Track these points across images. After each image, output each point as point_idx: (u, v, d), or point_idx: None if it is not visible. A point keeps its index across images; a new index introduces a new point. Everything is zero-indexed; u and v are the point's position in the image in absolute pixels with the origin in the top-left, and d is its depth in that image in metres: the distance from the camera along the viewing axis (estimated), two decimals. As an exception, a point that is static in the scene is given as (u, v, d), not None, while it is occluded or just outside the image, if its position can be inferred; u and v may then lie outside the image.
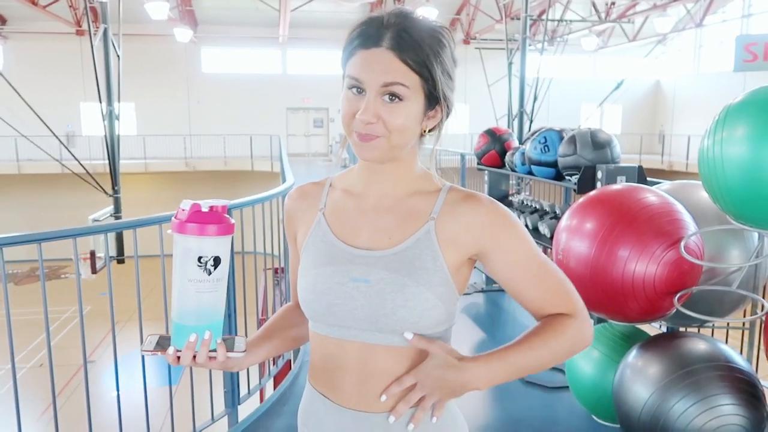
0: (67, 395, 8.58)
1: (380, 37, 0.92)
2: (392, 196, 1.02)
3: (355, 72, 0.93)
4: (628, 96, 20.97)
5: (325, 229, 1.04)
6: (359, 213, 1.03)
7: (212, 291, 0.91)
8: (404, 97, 0.92)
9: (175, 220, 0.90)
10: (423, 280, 0.95)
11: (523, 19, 11.60)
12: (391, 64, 0.91)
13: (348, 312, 0.97)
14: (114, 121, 11.03)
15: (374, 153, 0.94)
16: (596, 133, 3.18)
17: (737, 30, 18.05)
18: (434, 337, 0.97)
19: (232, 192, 14.39)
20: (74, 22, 17.68)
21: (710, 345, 2.16)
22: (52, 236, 2.12)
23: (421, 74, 0.92)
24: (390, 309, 0.94)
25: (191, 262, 0.89)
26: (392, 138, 0.93)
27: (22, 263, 16.90)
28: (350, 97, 0.94)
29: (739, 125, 1.78)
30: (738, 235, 2.22)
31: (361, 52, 0.93)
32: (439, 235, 0.97)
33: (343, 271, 0.98)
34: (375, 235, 1.00)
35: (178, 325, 0.91)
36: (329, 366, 1.01)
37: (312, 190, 1.10)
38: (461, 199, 1.00)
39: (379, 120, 0.92)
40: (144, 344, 0.93)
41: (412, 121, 0.94)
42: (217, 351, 0.93)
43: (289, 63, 22.20)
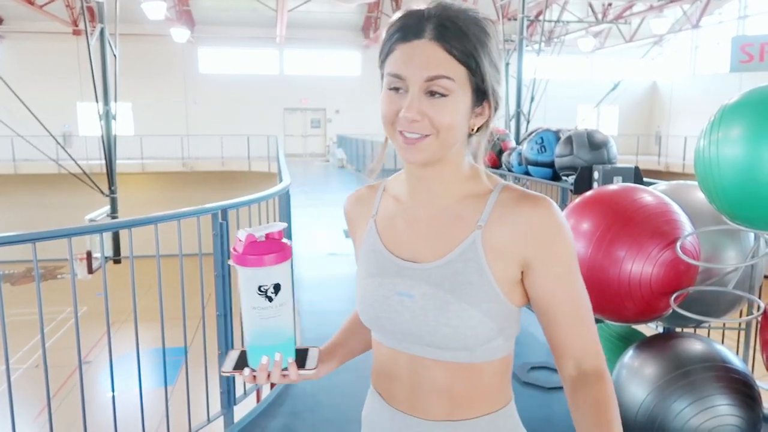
0: (63, 396, 8.56)
1: (422, 29, 0.85)
2: (439, 203, 0.94)
3: (395, 68, 0.86)
4: (625, 97, 21.02)
5: (375, 237, 1.00)
6: (406, 221, 0.97)
7: (276, 316, 0.92)
8: (450, 91, 0.85)
9: (234, 252, 0.91)
10: (467, 297, 0.88)
11: (520, 19, 11.62)
12: (435, 55, 0.84)
13: (394, 325, 0.94)
14: (111, 121, 11.02)
15: (422, 155, 0.87)
16: (593, 134, 3.18)
17: (733, 31, 18.11)
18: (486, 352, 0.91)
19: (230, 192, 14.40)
20: (71, 22, 17.64)
21: (706, 345, 2.16)
22: (47, 236, 2.11)
23: (468, 66, 0.85)
24: (432, 326, 0.90)
25: (252, 290, 0.90)
26: (440, 137, 0.86)
27: (18, 263, 16.85)
28: (391, 97, 0.87)
29: (734, 126, 1.78)
30: (734, 236, 2.22)
31: (401, 47, 0.86)
32: (486, 245, 0.89)
33: (390, 283, 0.95)
34: (421, 246, 0.94)
35: (250, 347, 0.94)
36: (384, 371, 1.00)
37: (367, 194, 1.06)
38: (514, 200, 0.90)
39: (424, 117, 0.85)
40: (225, 364, 0.96)
41: (460, 118, 0.87)
42: (289, 370, 0.94)
43: (286, 63, 22.19)
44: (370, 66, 22.37)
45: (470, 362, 0.91)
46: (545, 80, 12.47)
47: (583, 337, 0.91)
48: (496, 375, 0.94)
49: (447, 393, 0.93)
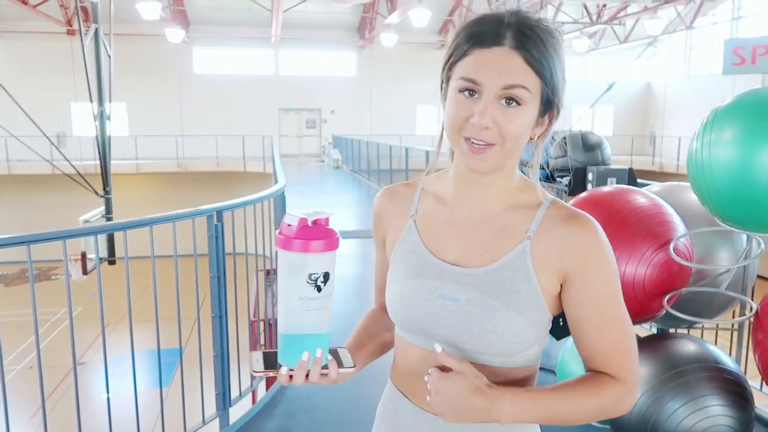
0: (57, 398, 8.52)
1: (501, 36, 0.84)
2: (487, 209, 0.94)
3: (471, 72, 0.84)
4: (620, 98, 21.08)
5: (416, 238, 0.98)
6: (451, 224, 0.96)
7: (321, 308, 0.87)
8: (524, 101, 0.84)
9: (281, 236, 0.85)
10: (514, 305, 0.88)
11: (515, 20, 11.63)
12: (515, 64, 0.84)
13: (435, 328, 0.93)
14: (105, 121, 10.99)
15: (486, 164, 0.86)
16: (587, 135, 3.20)
17: (727, 32, 18.20)
18: (522, 358, 0.93)
19: (225, 193, 14.38)
20: (65, 22, 17.58)
21: (699, 346, 2.18)
22: (41, 238, 2.10)
23: (544, 77, 0.85)
24: (478, 332, 0.89)
25: (301, 279, 0.84)
26: (506, 146, 0.86)
27: (12, 264, 16.79)
28: (461, 100, 0.85)
29: (726, 128, 1.80)
30: (726, 237, 2.24)
31: (478, 52, 0.85)
32: (534, 255, 0.90)
33: (432, 286, 0.93)
34: (467, 251, 0.94)
35: (287, 339, 0.87)
36: (412, 371, 0.98)
37: (403, 192, 1.04)
38: (563, 217, 0.91)
39: (495, 125, 0.84)
40: (252, 364, 0.89)
41: (526, 128, 0.87)
42: (329, 368, 0.88)
43: (281, 64, 22.16)
44: (365, 66, 22.38)
45: (506, 366, 0.93)
46: (540, 81, 12.49)
47: (610, 360, 0.91)
48: (527, 380, 0.96)
49: None
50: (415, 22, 16.06)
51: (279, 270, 0.87)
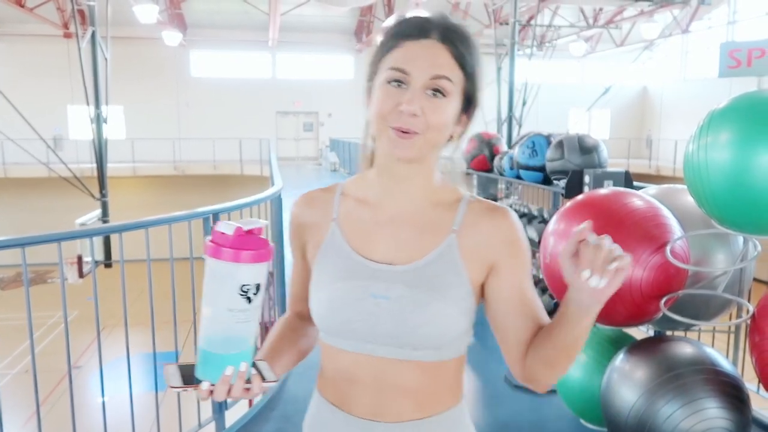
0: (52, 402, 8.48)
1: (429, 30, 0.89)
2: (411, 207, 0.97)
3: (401, 63, 0.88)
4: (616, 101, 21.14)
5: (341, 241, 0.98)
6: (376, 224, 0.97)
7: (250, 320, 0.83)
8: (448, 93, 0.88)
9: (213, 243, 0.80)
10: (446, 297, 0.91)
11: (511, 24, 11.68)
12: (442, 56, 0.88)
13: (368, 328, 0.93)
14: (102, 124, 10.97)
15: (411, 151, 0.89)
16: (583, 138, 3.20)
17: (722, 36, 18.26)
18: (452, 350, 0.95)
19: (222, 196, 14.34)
20: (62, 25, 17.55)
21: (696, 349, 2.18)
22: (37, 240, 2.09)
23: (466, 72, 0.90)
24: (412, 327, 0.91)
25: (233, 290, 0.80)
26: (429, 136, 0.89)
27: (7, 268, 16.71)
28: (389, 91, 0.88)
29: (723, 130, 1.80)
30: (723, 239, 2.24)
31: (408, 44, 0.89)
32: (461, 248, 0.94)
33: (363, 286, 0.94)
34: (394, 249, 0.95)
35: (209, 354, 0.83)
36: (342, 377, 0.98)
37: (321, 197, 1.04)
38: (484, 210, 0.96)
39: (422, 114, 0.87)
40: (169, 379, 0.84)
41: (450, 121, 0.90)
42: (253, 382, 0.85)
43: (278, 67, 22.17)
44: (362, 69, 22.14)
45: (438, 360, 0.95)
46: (537, 84, 12.53)
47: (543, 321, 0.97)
48: (458, 371, 0.99)
49: (413, 393, 0.95)
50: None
51: (207, 280, 0.81)
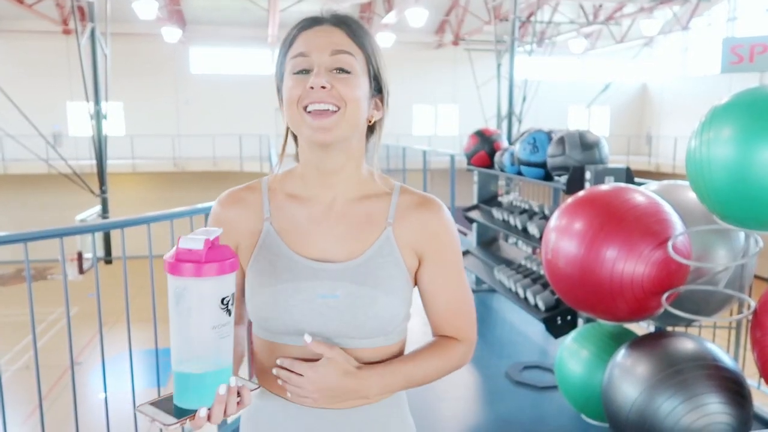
0: (54, 397, 8.49)
1: (322, 18, 0.93)
2: (344, 200, 0.97)
3: (300, 48, 0.91)
4: (616, 98, 21.13)
5: (277, 240, 0.96)
6: (311, 221, 0.96)
7: (230, 333, 0.79)
8: (353, 68, 0.90)
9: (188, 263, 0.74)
10: (390, 289, 0.94)
11: (512, 20, 11.65)
12: (337, 35, 0.91)
13: (317, 327, 0.93)
14: (101, 120, 10.95)
15: (331, 133, 0.88)
16: (584, 134, 3.20)
17: (723, 33, 18.25)
18: (397, 335, 0.99)
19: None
20: (61, 21, 17.51)
21: (697, 344, 2.18)
22: (38, 236, 2.09)
23: (364, 49, 0.93)
24: (362, 321, 0.93)
25: (213, 306, 0.76)
26: (347, 111, 0.89)
27: (8, 264, 16.72)
28: (297, 79, 0.90)
29: (725, 126, 1.80)
30: (725, 235, 2.24)
31: (303, 33, 0.92)
32: (398, 239, 0.96)
33: (308, 287, 0.93)
34: (333, 246, 0.95)
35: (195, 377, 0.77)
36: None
37: (247, 196, 1.00)
38: (416, 203, 0.98)
39: (332, 87, 0.88)
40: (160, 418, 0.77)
41: (363, 97, 0.91)
42: (242, 394, 0.82)
43: (278, 63, 22.14)
44: (362, 66, 22.30)
45: (384, 345, 0.97)
46: (537, 81, 12.52)
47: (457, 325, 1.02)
48: (400, 352, 1.02)
49: None
50: (412, 22, 16.05)
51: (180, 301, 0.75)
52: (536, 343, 3.80)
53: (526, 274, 3.68)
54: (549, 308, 3.18)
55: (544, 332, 3.28)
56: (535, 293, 3.30)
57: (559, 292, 2.30)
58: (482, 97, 15.19)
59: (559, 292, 2.30)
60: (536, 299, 3.26)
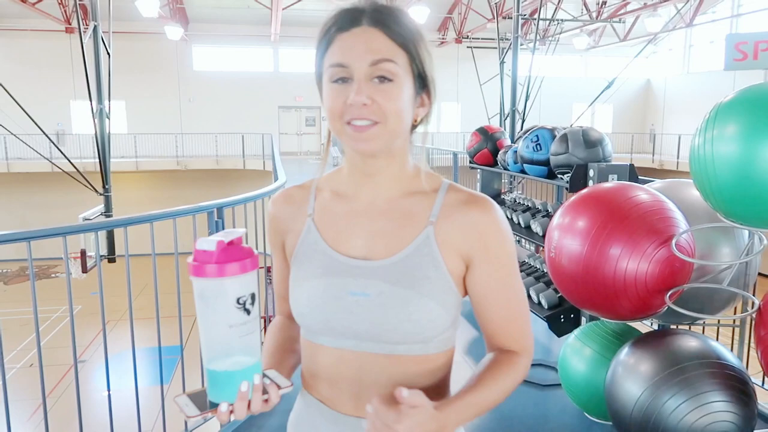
0: (57, 395, 8.52)
1: (358, 18, 0.86)
2: (386, 198, 0.94)
3: (338, 57, 0.85)
4: (619, 95, 21.01)
5: (316, 237, 0.95)
6: (351, 218, 0.94)
7: (252, 332, 0.81)
8: (395, 76, 0.85)
9: (198, 263, 0.77)
10: (426, 291, 0.88)
11: (515, 18, 11.63)
12: (377, 40, 0.85)
13: (347, 326, 0.90)
14: (104, 119, 10.97)
15: (373, 144, 0.86)
16: (588, 132, 3.19)
17: (727, 30, 18.17)
18: (439, 343, 0.93)
19: (224, 191, 14.34)
20: (64, 20, 17.53)
21: (701, 342, 2.18)
22: (42, 234, 2.10)
23: (408, 50, 0.87)
24: (393, 324, 0.88)
25: (229, 306, 0.78)
26: (389, 124, 0.85)
27: (11, 262, 16.78)
28: (336, 90, 0.85)
29: (729, 123, 1.79)
30: (728, 233, 2.23)
31: (340, 36, 0.86)
32: (438, 239, 0.90)
33: (340, 284, 0.91)
34: (371, 243, 0.92)
35: (217, 374, 0.80)
36: (326, 375, 0.96)
37: (298, 194, 1.01)
38: (462, 201, 0.92)
39: (373, 102, 0.84)
40: (184, 409, 0.80)
41: (406, 104, 0.87)
42: (269, 392, 0.82)
43: (280, 61, 22.13)
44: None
45: (424, 354, 0.92)
46: (540, 78, 12.48)
47: (513, 333, 0.95)
48: (445, 367, 0.97)
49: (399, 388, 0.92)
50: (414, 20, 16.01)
51: (201, 301, 0.79)
52: (539, 341, 3.79)
53: (529, 272, 3.67)
54: (552, 306, 3.17)
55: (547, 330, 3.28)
56: (538, 291, 3.29)
57: (562, 291, 2.30)
58: (485, 95, 15.15)
59: (562, 291, 2.30)
60: (539, 297, 3.25)
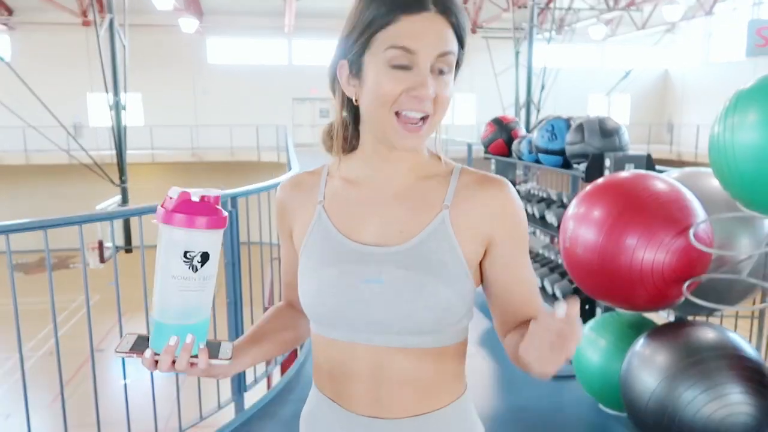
0: (76, 384, 8.65)
1: (425, 1, 0.80)
2: (400, 183, 0.91)
3: (404, 41, 0.79)
4: (637, 85, 20.79)
5: (327, 224, 0.92)
6: (364, 203, 0.91)
7: (198, 290, 0.80)
8: (451, 68, 0.83)
9: (161, 208, 0.79)
10: (442, 277, 0.85)
11: (530, 7, 11.51)
12: (445, 30, 0.81)
13: (360, 316, 0.87)
14: (121, 111, 11.06)
15: (420, 141, 0.84)
16: (604, 121, 3.15)
17: (748, 17, 17.82)
18: (453, 334, 0.90)
19: (240, 182, 14.41)
20: (80, 13, 17.67)
21: (719, 334, 2.15)
22: (58, 223, 2.12)
23: (462, 43, 0.84)
24: (407, 311, 0.85)
25: (176, 256, 0.79)
26: (437, 116, 0.83)
27: (32, 253, 17.02)
28: (395, 75, 0.80)
29: (750, 111, 1.76)
30: (748, 223, 2.20)
31: (407, 18, 0.79)
32: (454, 224, 0.87)
33: (353, 271, 0.87)
34: (384, 229, 0.89)
35: (158, 324, 0.82)
36: (338, 371, 0.92)
37: (307, 179, 0.98)
38: (476, 182, 0.90)
39: (436, 96, 0.81)
40: (120, 344, 0.83)
41: (451, 97, 0.84)
42: (199, 357, 0.82)
43: (295, 53, 22.13)
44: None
45: (437, 346, 0.89)
46: (556, 69, 12.36)
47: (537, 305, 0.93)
48: (459, 359, 0.94)
49: (414, 383, 0.89)
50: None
51: (158, 247, 0.80)
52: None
53: (544, 263, 3.65)
54: (567, 297, 3.16)
55: (561, 321, 3.26)
56: (553, 282, 3.27)
57: (577, 281, 2.28)
58: (500, 86, 15.04)
59: (577, 281, 2.28)
60: (554, 288, 3.23)
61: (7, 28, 19.54)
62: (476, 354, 3.42)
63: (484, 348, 3.48)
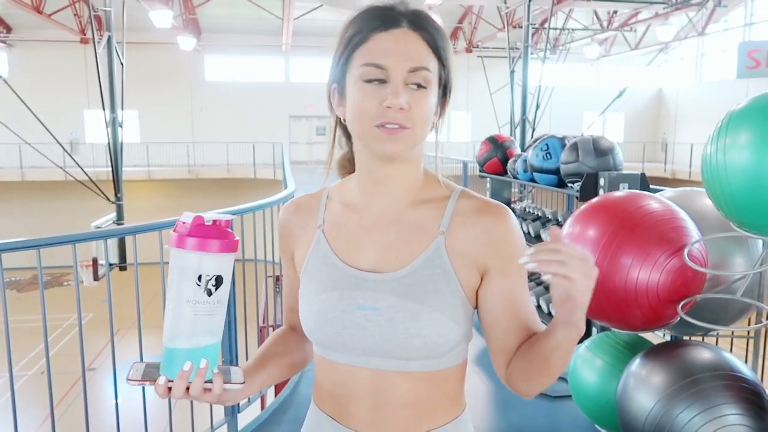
0: (67, 403, 8.55)
1: (398, 18, 0.83)
2: (396, 208, 0.90)
3: (375, 58, 0.81)
4: (631, 104, 20.94)
5: (326, 248, 0.93)
6: (361, 229, 0.91)
7: (211, 314, 0.81)
8: (428, 84, 0.83)
9: (174, 233, 0.80)
10: (437, 305, 0.85)
11: (525, 27, 11.63)
12: (416, 46, 0.82)
13: (357, 341, 0.88)
14: (117, 128, 11.06)
15: (401, 146, 0.83)
16: (598, 140, 3.17)
17: (739, 38, 18.05)
18: (451, 358, 0.90)
19: (235, 199, 14.40)
20: (79, 30, 17.77)
21: (715, 354, 2.14)
22: (51, 242, 2.11)
23: (440, 58, 0.85)
24: (403, 338, 0.85)
25: (190, 281, 0.80)
26: (416, 131, 0.83)
27: (24, 270, 16.91)
28: (370, 90, 0.81)
29: (742, 131, 1.77)
30: (742, 243, 2.20)
31: (378, 36, 0.82)
32: (450, 250, 0.87)
33: (349, 297, 0.88)
34: (381, 255, 0.89)
35: (170, 350, 0.81)
36: (339, 391, 0.93)
37: (308, 203, 0.99)
38: (474, 208, 0.89)
39: (409, 108, 0.81)
40: (130, 373, 0.83)
41: (431, 113, 0.85)
42: (214, 382, 0.82)
43: (291, 71, 22.28)
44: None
45: (437, 369, 0.90)
46: (550, 88, 12.46)
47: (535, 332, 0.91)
48: (458, 380, 0.94)
49: (413, 405, 0.90)
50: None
51: (170, 271, 0.81)
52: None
53: (539, 281, 3.64)
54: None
55: (557, 340, 3.25)
56: (548, 301, 3.27)
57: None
58: (495, 104, 15.13)
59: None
60: (549, 308, 3.23)
61: (6, 46, 19.63)
62: (474, 373, 3.40)
63: (483, 368, 3.46)
